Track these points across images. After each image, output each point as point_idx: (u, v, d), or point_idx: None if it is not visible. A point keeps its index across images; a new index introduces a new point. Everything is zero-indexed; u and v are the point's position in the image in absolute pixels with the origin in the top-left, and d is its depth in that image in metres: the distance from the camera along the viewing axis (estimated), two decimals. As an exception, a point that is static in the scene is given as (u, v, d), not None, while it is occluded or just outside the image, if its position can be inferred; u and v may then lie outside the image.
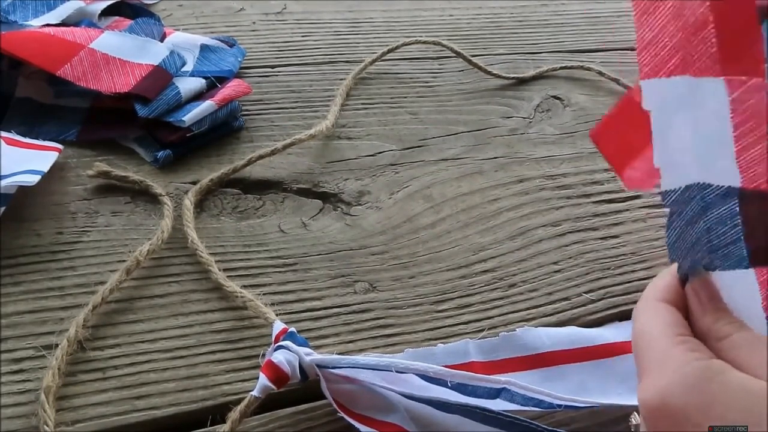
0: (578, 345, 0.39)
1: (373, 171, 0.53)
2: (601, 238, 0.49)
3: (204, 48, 0.60)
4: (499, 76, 0.63)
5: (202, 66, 0.58)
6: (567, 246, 0.48)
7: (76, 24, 0.59)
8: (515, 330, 0.40)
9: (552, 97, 0.63)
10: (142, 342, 0.39)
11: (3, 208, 0.43)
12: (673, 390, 0.25)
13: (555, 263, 0.47)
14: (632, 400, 0.35)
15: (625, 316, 0.44)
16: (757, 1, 0.25)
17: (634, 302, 0.44)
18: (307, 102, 0.58)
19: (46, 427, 0.34)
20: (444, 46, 0.64)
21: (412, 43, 0.65)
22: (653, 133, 0.28)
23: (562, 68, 0.65)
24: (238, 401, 0.36)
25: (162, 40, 0.59)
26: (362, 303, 0.43)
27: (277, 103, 0.58)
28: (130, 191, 0.48)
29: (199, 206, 0.48)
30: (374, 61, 0.62)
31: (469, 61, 0.63)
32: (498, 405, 0.35)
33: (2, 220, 0.44)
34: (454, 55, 0.64)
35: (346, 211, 0.49)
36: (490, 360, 0.39)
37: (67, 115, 0.53)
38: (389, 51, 0.63)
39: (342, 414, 0.35)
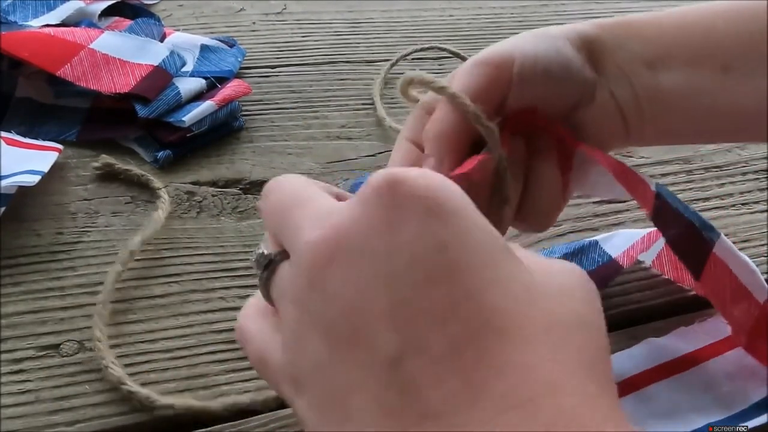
0: (658, 361, 0.39)
1: (373, 171, 0.52)
2: (601, 238, 0.49)
3: (204, 48, 0.60)
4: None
5: (202, 66, 0.58)
6: (567, 246, 0.48)
7: (76, 24, 0.59)
8: None
9: (552, 97, 0.63)
10: (142, 342, 0.39)
11: (3, 208, 0.43)
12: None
13: (555, 263, 0.47)
14: (718, 413, 0.37)
15: (625, 316, 0.44)
16: None
17: (635, 302, 0.44)
18: (307, 102, 0.58)
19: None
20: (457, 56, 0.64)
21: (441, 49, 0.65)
22: None
23: (562, 68, 0.65)
24: (239, 401, 0.37)
25: (162, 40, 0.59)
26: (362, 303, 0.43)
27: (277, 103, 0.58)
28: (130, 190, 0.48)
29: (199, 206, 0.48)
30: (398, 60, 0.62)
31: (464, 59, 0.63)
32: None
33: (2, 220, 0.44)
34: (453, 55, 0.64)
35: (346, 211, 0.49)
36: None
37: (67, 115, 0.53)
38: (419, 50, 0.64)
39: None
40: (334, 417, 0.21)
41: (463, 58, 0.63)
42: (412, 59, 0.65)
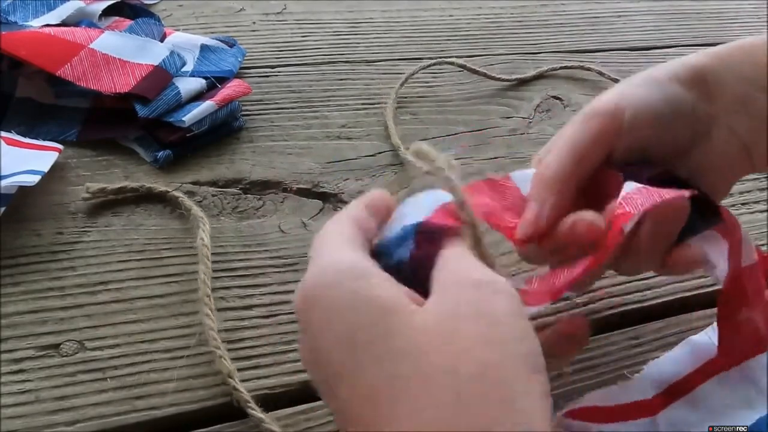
0: (700, 362, 0.39)
1: (373, 171, 0.53)
2: (601, 238, 0.49)
3: (204, 48, 0.60)
4: (501, 80, 0.63)
5: (202, 66, 0.58)
6: (567, 246, 0.48)
7: (76, 24, 0.59)
8: (643, 368, 0.40)
9: (552, 97, 0.63)
10: (142, 342, 0.39)
11: (3, 208, 0.43)
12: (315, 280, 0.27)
13: (555, 263, 0.47)
14: (764, 406, 0.37)
15: (626, 316, 0.44)
16: None
17: (635, 302, 0.44)
18: (307, 102, 0.58)
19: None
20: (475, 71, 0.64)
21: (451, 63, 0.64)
22: None
23: (562, 68, 0.65)
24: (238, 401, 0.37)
25: (162, 40, 0.59)
26: (362, 303, 0.43)
27: (277, 103, 0.58)
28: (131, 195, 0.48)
29: (199, 206, 0.48)
30: (406, 80, 0.61)
31: (474, 71, 0.63)
32: None
33: (2, 220, 0.44)
34: (460, 68, 0.63)
35: (346, 211, 0.49)
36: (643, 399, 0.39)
37: (67, 115, 0.53)
38: (430, 65, 0.63)
39: None
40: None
41: (471, 70, 0.63)
42: (412, 59, 0.65)
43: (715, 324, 0.41)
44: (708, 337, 0.41)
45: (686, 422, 0.37)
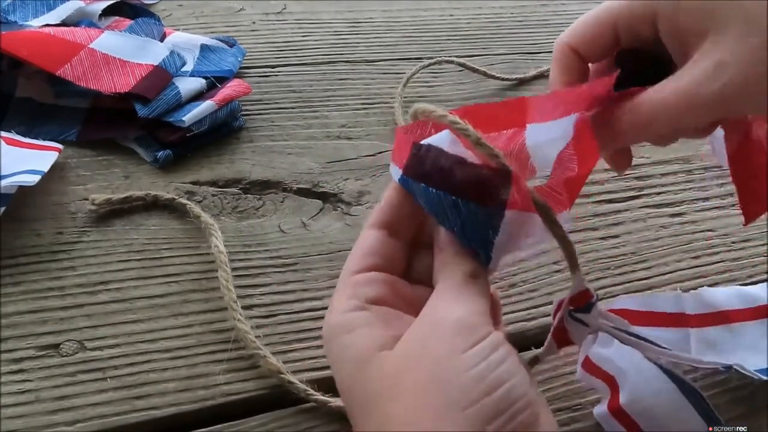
0: (746, 305, 0.42)
1: (373, 171, 0.53)
2: (601, 238, 0.49)
3: (204, 48, 0.60)
4: (501, 79, 0.63)
5: (202, 66, 0.58)
6: (567, 246, 0.48)
7: (76, 24, 0.59)
8: (698, 290, 0.42)
9: (552, 97, 0.63)
10: (142, 342, 0.39)
11: (3, 208, 0.43)
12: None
13: (555, 263, 0.47)
14: None
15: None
16: None
17: (634, 302, 0.44)
18: (307, 102, 0.58)
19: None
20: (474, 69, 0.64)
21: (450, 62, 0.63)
22: None
23: (562, 68, 0.65)
24: (238, 401, 0.37)
25: (162, 40, 0.59)
26: (362, 303, 0.43)
27: (277, 103, 0.58)
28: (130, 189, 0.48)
29: (199, 206, 0.48)
30: (408, 80, 0.61)
31: (474, 70, 0.63)
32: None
33: (2, 220, 0.44)
34: (461, 66, 0.64)
35: (346, 211, 0.49)
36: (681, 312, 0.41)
37: (67, 115, 0.53)
38: (431, 64, 0.63)
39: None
40: None
41: (471, 69, 0.63)
42: (412, 59, 0.65)
43: (763, 283, 0.43)
44: (755, 290, 0.43)
45: (717, 342, 0.39)
